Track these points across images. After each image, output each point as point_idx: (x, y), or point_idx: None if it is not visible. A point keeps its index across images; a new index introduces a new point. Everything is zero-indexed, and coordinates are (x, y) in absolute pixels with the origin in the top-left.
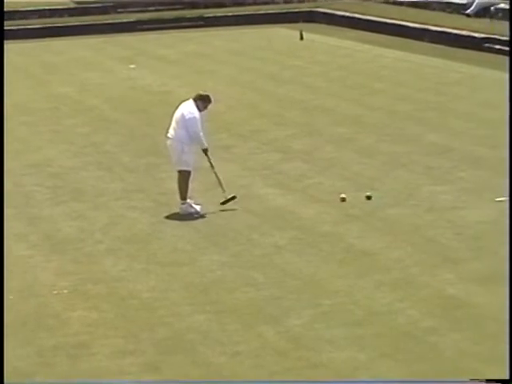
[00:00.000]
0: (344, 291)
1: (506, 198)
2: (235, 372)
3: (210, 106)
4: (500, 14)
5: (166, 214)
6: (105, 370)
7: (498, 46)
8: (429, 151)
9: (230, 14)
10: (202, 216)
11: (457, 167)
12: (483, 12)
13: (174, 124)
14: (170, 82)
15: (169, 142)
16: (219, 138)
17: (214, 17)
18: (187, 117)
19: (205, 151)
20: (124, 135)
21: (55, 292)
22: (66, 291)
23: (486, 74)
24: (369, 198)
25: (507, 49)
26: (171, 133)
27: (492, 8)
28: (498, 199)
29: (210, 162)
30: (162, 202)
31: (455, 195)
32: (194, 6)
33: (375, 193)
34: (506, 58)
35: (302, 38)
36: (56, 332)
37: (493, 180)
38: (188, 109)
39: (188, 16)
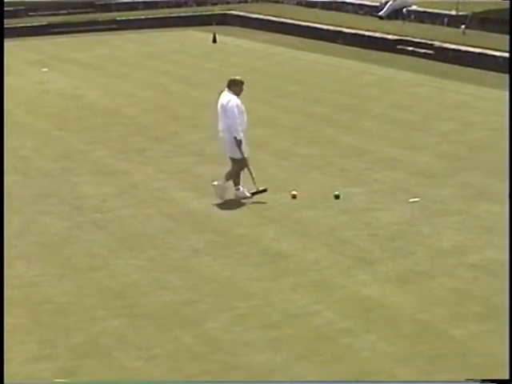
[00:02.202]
0: (260, 294)
1: (419, 199)
2: (152, 376)
3: (242, 88)
4: (412, 16)
5: (81, 218)
6: (19, 376)
7: (410, 48)
8: (343, 153)
9: (143, 17)
10: (118, 220)
11: (371, 169)
12: (396, 14)
13: (219, 117)
14: (82, 85)
15: (220, 134)
16: (134, 141)
17: (127, 20)
18: (227, 106)
19: (237, 142)
20: (38, 139)
21: None
22: None
23: (399, 75)
24: (337, 197)
25: (420, 50)
26: (220, 125)
27: (404, 10)
28: (411, 200)
29: (242, 155)
30: (76, 206)
31: (370, 197)
32: (106, 10)
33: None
34: (419, 60)
35: (215, 40)
36: None
37: (406, 181)
38: (226, 98)
39: (100, 19)
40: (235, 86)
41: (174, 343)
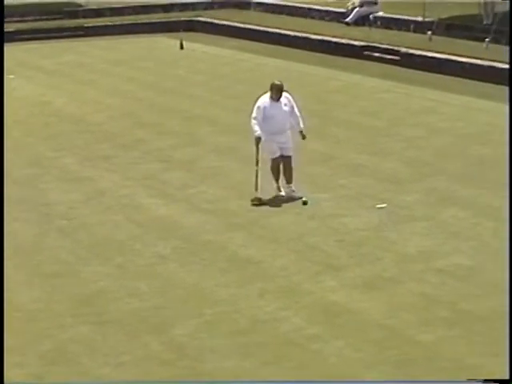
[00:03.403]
0: (228, 300)
1: (386, 205)
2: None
3: (277, 92)
4: (379, 23)
5: (49, 225)
6: None
7: (377, 54)
8: (310, 159)
9: (110, 23)
10: (85, 227)
11: (337, 175)
12: (362, 20)
13: None
14: (49, 92)
15: None
16: (101, 148)
17: (94, 26)
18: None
19: (255, 140)
20: (5, 146)
21: None
22: None
23: (365, 81)
24: (305, 203)
25: (386, 56)
26: None
27: (371, 16)
28: (378, 206)
29: (257, 157)
30: (44, 212)
31: (336, 202)
32: (73, 16)
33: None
34: (385, 66)
35: (182, 47)
36: None
37: (373, 187)
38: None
39: (67, 26)
40: (271, 91)
41: (142, 350)
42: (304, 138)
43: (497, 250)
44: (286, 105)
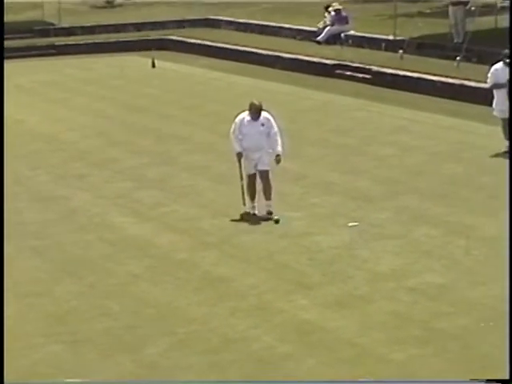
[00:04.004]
0: (200, 319)
1: (358, 223)
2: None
3: (255, 112)
4: (350, 41)
5: (21, 243)
6: None
7: (348, 73)
8: (282, 178)
9: (82, 42)
10: (57, 246)
11: (309, 193)
12: (334, 39)
13: None
14: (21, 110)
15: None
16: (73, 166)
17: (65, 45)
18: None
19: (237, 156)
20: None
21: None
22: None
23: (337, 100)
24: (277, 221)
25: (358, 75)
26: None
27: (342, 35)
28: (350, 224)
29: (240, 172)
30: (19, 231)
31: (308, 221)
32: (44, 35)
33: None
34: (357, 84)
35: (153, 65)
36: None
37: (345, 205)
38: None
39: (39, 44)
40: (249, 109)
41: (114, 369)
42: (278, 162)
43: (468, 268)
44: (263, 125)
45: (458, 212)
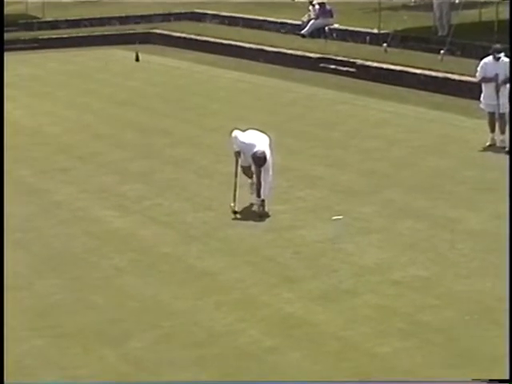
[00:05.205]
0: (185, 312)
1: (342, 217)
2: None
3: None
4: (334, 35)
5: (4, 237)
6: None
7: (333, 66)
8: None
9: (66, 35)
10: (40, 239)
11: (294, 187)
12: (318, 33)
13: None
14: (5, 104)
15: None
16: (57, 160)
17: (49, 39)
18: None
19: (234, 154)
20: None
21: None
22: None
23: (321, 93)
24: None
25: (342, 68)
26: None
27: (326, 28)
28: (334, 218)
29: (236, 170)
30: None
31: (293, 214)
32: (28, 28)
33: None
34: (342, 78)
35: (137, 59)
36: None
37: (329, 199)
38: None
39: (22, 38)
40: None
41: (99, 363)
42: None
43: (453, 261)
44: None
45: (443, 205)
